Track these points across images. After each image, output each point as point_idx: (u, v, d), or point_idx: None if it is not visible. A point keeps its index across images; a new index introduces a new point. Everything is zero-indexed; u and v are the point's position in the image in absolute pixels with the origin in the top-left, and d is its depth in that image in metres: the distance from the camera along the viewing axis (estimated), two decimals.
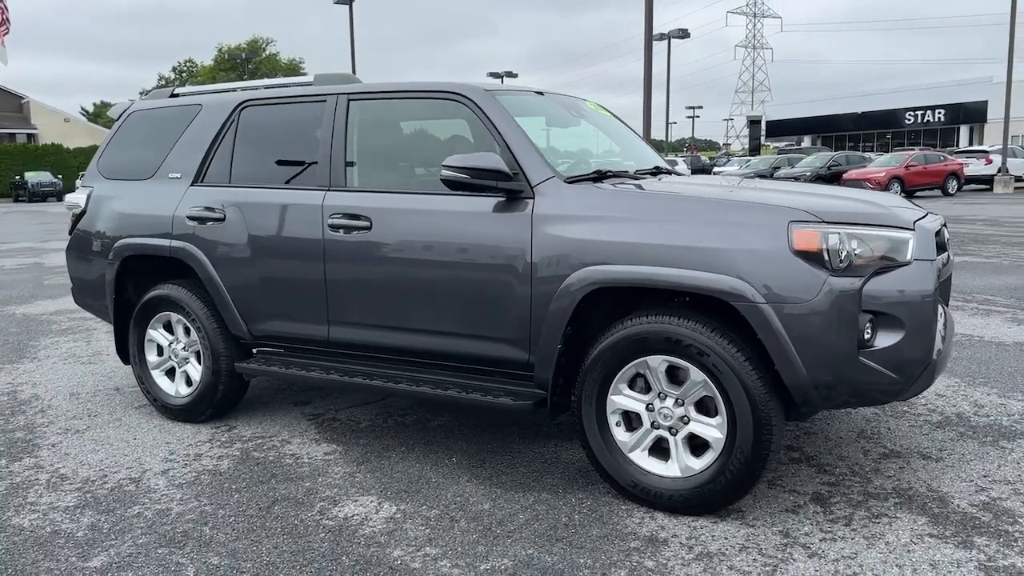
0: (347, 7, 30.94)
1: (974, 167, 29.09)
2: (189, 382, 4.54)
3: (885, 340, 2.93)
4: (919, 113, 50.02)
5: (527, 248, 3.36)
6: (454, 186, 3.43)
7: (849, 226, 2.95)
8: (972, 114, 47.87)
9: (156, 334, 4.59)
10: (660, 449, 3.25)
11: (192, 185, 4.40)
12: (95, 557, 2.99)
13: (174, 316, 4.48)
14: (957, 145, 46.26)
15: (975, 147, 35.37)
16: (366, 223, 3.78)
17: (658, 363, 3.14)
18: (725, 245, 2.98)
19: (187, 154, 4.47)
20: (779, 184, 4.48)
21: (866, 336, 2.90)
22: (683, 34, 39.73)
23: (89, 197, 4.81)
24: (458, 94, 3.71)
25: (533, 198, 3.41)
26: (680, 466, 3.16)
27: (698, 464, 3.13)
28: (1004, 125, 28.40)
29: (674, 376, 3.17)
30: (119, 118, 4.89)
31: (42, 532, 3.21)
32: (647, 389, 3.23)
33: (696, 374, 3.06)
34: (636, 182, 3.61)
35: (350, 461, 3.88)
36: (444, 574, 2.78)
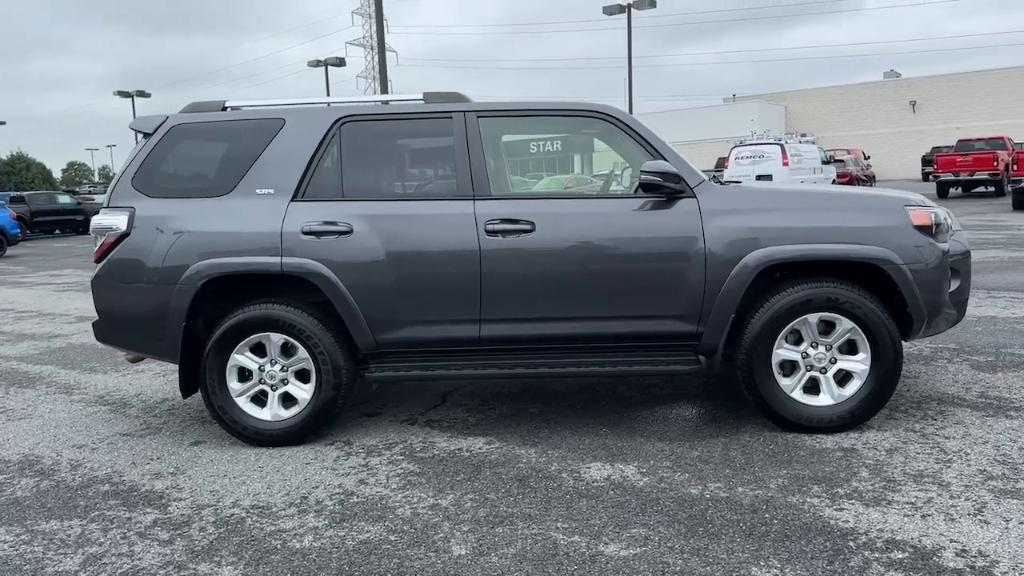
0: None
1: None
2: (286, 404, 4.39)
3: (952, 286, 4.26)
4: (541, 143, 56.84)
5: (700, 238, 4.11)
6: (647, 188, 4.06)
7: (929, 207, 4.23)
8: (582, 145, 55.76)
9: (243, 358, 4.34)
10: (805, 387, 4.22)
11: (293, 200, 4.31)
12: (453, 549, 3.09)
13: (274, 336, 4.30)
14: (572, 171, 53.52)
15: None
16: (527, 226, 4.18)
17: (815, 319, 4.11)
18: (868, 224, 4.07)
19: (279, 169, 4.35)
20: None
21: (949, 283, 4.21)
22: (340, 62, 40.74)
23: (132, 218, 4.35)
24: (603, 113, 4.32)
25: (695, 197, 4.17)
26: (832, 395, 4.16)
27: (848, 391, 4.15)
28: None
29: (821, 328, 4.16)
30: (155, 132, 4.48)
31: (351, 543, 3.16)
32: (798, 341, 4.18)
33: (846, 323, 4.09)
34: (753, 183, 4.55)
35: (521, 445, 4.21)
36: (754, 495, 3.45)
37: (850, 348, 4.17)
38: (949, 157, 26.40)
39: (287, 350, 4.35)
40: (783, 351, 4.17)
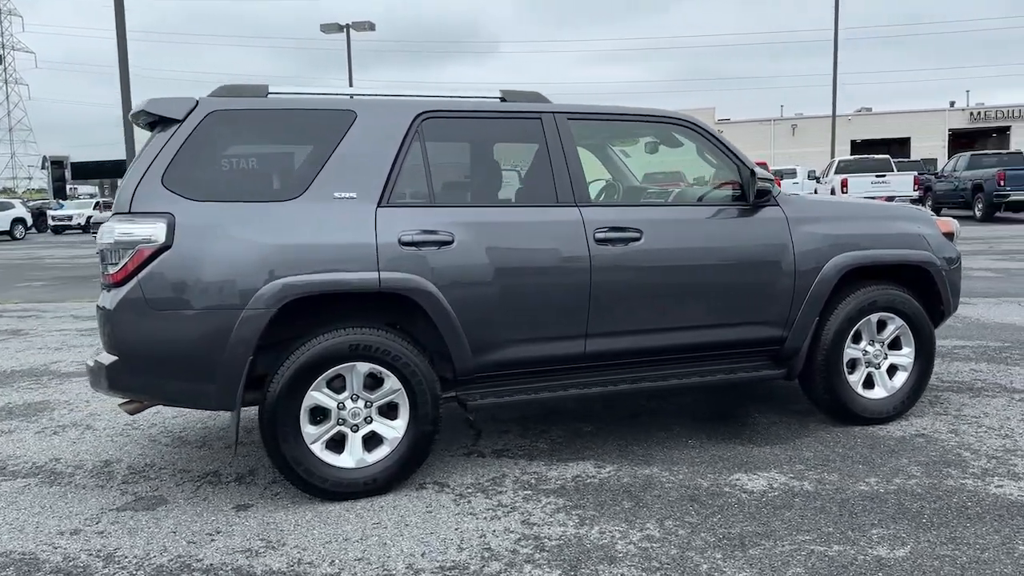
0: None
1: None
2: (368, 446, 3.72)
3: None
4: None
5: (789, 244, 4.25)
6: (761, 194, 4.11)
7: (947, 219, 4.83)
8: None
9: (321, 396, 3.60)
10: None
11: (380, 206, 3.68)
12: (740, 574, 2.88)
13: (360, 366, 3.62)
14: None
15: None
16: (636, 234, 4.01)
17: (875, 319, 4.46)
18: (916, 231, 4.52)
19: (358, 169, 3.68)
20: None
21: None
22: None
23: (172, 226, 3.40)
24: (688, 121, 4.29)
25: (779, 205, 4.31)
26: (886, 388, 4.54)
27: (897, 383, 4.55)
28: None
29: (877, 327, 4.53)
30: (185, 118, 3.53)
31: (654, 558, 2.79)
32: (857, 340, 4.50)
33: (897, 321, 4.49)
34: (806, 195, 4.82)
35: (633, 464, 4.00)
36: (914, 483, 3.64)
37: (893, 344, 4.59)
38: None
39: (371, 382, 3.69)
40: (850, 350, 4.46)
